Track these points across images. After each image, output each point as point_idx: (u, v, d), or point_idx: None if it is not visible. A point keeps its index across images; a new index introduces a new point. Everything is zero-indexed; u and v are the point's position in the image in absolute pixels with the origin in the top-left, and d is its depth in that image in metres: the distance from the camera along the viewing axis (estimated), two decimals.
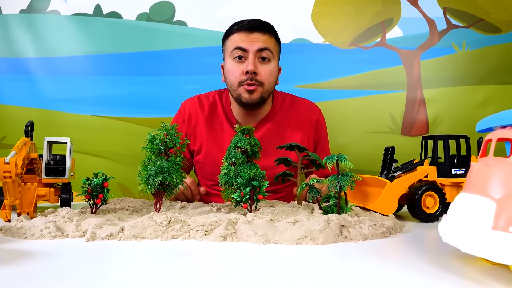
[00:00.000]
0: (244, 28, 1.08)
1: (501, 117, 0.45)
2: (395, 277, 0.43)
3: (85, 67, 1.66)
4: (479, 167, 0.45)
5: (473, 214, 0.42)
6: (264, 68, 1.08)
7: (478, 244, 0.39)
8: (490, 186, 0.42)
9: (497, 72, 1.61)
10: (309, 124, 1.19)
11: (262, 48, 1.07)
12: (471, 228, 0.41)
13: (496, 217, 0.38)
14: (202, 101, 1.20)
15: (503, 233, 0.37)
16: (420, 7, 1.63)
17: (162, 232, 0.61)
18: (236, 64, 1.08)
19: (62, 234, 0.61)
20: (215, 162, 1.13)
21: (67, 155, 0.83)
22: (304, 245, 0.58)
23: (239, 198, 0.71)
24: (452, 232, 0.44)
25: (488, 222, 0.39)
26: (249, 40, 1.07)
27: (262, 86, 1.08)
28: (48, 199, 0.81)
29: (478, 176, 0.45)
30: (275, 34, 1.13)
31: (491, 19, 1.61)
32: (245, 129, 0.81)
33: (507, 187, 0.40)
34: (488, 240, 0.38)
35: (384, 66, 1.64)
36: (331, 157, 0.69)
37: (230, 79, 1.10)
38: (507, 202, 0.39)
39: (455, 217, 0.45)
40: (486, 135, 0.48)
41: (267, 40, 1.08)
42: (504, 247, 0.37)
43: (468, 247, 0.40)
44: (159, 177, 0.70)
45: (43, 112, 1.64)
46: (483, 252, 0.39)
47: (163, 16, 1.67)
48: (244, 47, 1.06)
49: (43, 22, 1.66)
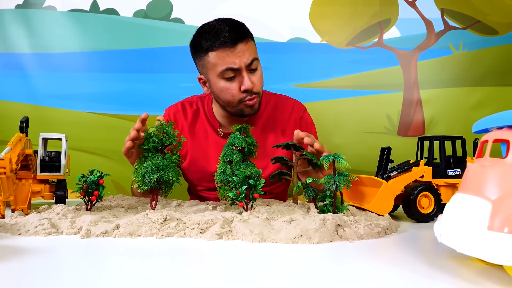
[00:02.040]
0: (228, 43, 0.98)
1: (498, 118, 0.45)
2: (389, 276, 0.43)
3: (81, 64, 1.65)
4: (475, 168, 0.45)
5: (469, 215, 0.42)
6: (255, 77, 1.04)
7: (473, 244, 0.39)
8: (486, 187, 0.42)
9: (493, 74, 1.62)
10: (294, 122, 1.17)
11: (250, 61, 1.01)
12: (466, 229, 0.41)
13: (492, 217, 0.39)
14: (186, 109, 1.17)
15: (498, 233, 0.37)
16: (417, 8, 1.64)
17: (158, 230, 0.60)
18: (228, 83, 1.02)
19: (56, 231, 0.60)
20: (200, 169, 1.13)
21: (63, 152, 0.82)
22: (299, 244, 0.58)
23: (235, 197, 0.71)
24: (447, 232, 0.44)
25: (483, 222, 0.39)
26: (236, 56, 0.99)
27: (258, 95, 1.06)
28: (43, 196, 0.81)
29: (474, 177, 0.45)
30: (250, 34, 1.05)
31: (488, 21, 1.62)
32: (241, 128, 0.81)
33: (503, 188, 0.40)
34: (483, 240, 0.38)
35: (381, 67, 1.64)
36: (327, 157, 0.69)
37: (226, 98, 1.05)
38: (503, 202, 0.39)
39: (451, 218, 0.45)
40: (482, 136, 0.48)
41: (250, 47, 1.02)
42: (499, 247, 0.37)
43: (463, 248, 0.41)
44: (155, 175, 0.70)
45: (38, 108, 1.63)
46: (478, 252, 0.39)
47: (160, 13, 1.67)
48: (235, 67, 1.00)
49: (39, 18, 1.65)
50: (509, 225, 0.37)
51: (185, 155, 1.14)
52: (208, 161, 1.11)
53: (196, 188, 1.18)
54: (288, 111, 1.18)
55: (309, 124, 1.20)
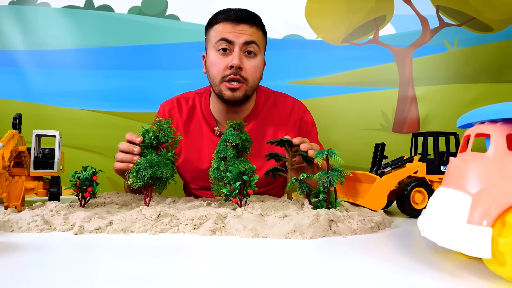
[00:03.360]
0: (231, 18, 1.00)
1: (480, 112, 0.46)
2: (380, 271, 0.44)
3: (76, 61, 1.64)
4: (457, 162, 0.46)
5: (450, 208, 0.42)
6: (249, 63, 1.02)
7: (453, 238, 0.40)
8: (467, 180, 0.42)
9: (488, 71, 1.62)
10: (293, 122, 1.15)
11: (249, 41, 1.00)
12: (447, 222, 0.42)
13: (471, 211, 0.39)
14: (181, 105, 1.15)
15: (477, 226, 0.38)
16: (413, 4, 1.64)
17: (151, 226, 0.60)
18: (220, 56, 1.01)
19: (49, 227, 0.60)
20: (194, 168, 1.11)
21: (56, 149, 0.82)
22: (293, 239, 0.58)
23: (229, 193, 0.71)
24: (429, 226, 0.45)
25: (463, 216, 0.39)
26: (235, 31, 1.00)
27: (246, 82, 1.02)
28: (36, 193, 0.80)
29: (455, 171, 0.46)
30: (262, 26, 1.06)
31: (483, 18, 1.63)
32: (236, 124, 0.81)
33: (483, 181, 0.41)
34: (463, 234, 0.39)
35: (376, 63, 1.65)
36: (321, 152, 0.70)
37: (212, 72, 1.03)
38: (482, 196, 0.39)
39: (433, 211, 0.45)
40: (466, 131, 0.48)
41: (254, 32, 1.02)
42: (477, 240, 0.37)
43: (444, 241, 0.41)
44: (149, 171, 0.70)
45: (32, 106, 1.62)
46: (457, 245, 0.39)
47: (155, 10, 1.66)
48: (229, 39, 0.99)
49: (33, 15, 1.64)
50: (488, 219, 0.37)
51: (179, 153, 1.13)
52: (202, 160, 1.10)
53: (190, 186, 1.18)
54: (287, 111, 1.16)
55: (309, 125, 1.18)
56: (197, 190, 1.16)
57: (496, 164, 0.41)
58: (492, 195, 0.39)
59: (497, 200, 0.38)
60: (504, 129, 0.42)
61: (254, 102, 1.15)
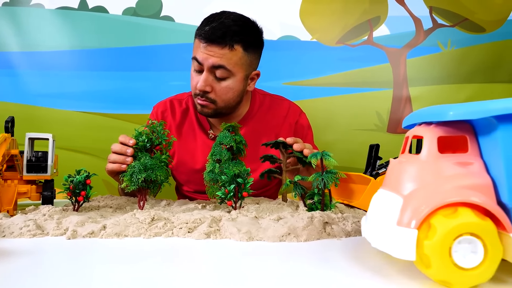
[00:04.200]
0: (204, 36, 0.95)
1: (419, 114, 0.46)
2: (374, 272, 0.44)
3: (70, 62, 1.63)
4: (394, 163, 0.46)
5: (384, 210, 0.42)
6: (219, 85, 0.99)
7: (384, 239, 0.40)
8: (400, 182, 0.43)
9: (481, 71, 1.64)
10: (288, 126, 1.14)
11: (216, 65, 0.96)
12: (380, 224, 0.42)
13: (401, 213, 0.39)
14: (174, 107, 1.15)
15: (405, 228, 0.38)
16: (406, 5, 1.65)
17: (145, 230, 0.60)
18: (194, 72, 1.01)
19: (42, 232, 0.60)
20: (188, 171, 1.11)
21: (49, 152, 0.81)
22: (287, 242, 0.58)
23: (224, 195, 0.71)
24: (366, 226, 0.45)
25: (394, 217, 0.40)
26: (205, 52, 0.96)
27: (215, 103, 1.01)
28: (29, 197, 0.80)
29: (392, 173, 0.46)
30: (245, 42, 0.98)
31: (475, 19, 1.64)
32: (230, 126, 0.81)
33: (414, 183, 0.41)
34: (392, 235, 0.39)
35: (371, 64, 1.65)
36: (315, 154, 0.70)
37: (191, 84, 1.04)
38: (413, 198, 0.40)
39: (370, 212, 0.46)
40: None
41: (226, 55, 0.96)
42: (404, 243, 0.38)
43: (377, 243, 0.41)
44: (143, 174, 0.70)
45: (26, 108, 1.61)
46: (388, 247, 0.39)
47: (150, 11, 1.66)
48: (199, 60, 0.97)
49: (27, 16, 1.63)
50: (416, 221, 0.38)
51: (172, 156, 1.12)
52: (195, 163, 1.09)
53: (183, 189, 1.17)
54: (283, 115, 1.15)
55: (305, 128, 1.17)
56: (190, 192, 1.15)
57: (427, 166, 0.41)
58: (421, 197, 0.39)
59: (426, 202, 0.38)
60: (436, 131, 0.42)
61: (248, 105, 1.14)
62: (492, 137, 0.40)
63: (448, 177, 0.40)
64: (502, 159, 0.39)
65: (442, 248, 0.36)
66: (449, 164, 0.41)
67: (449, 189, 0.39)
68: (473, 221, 0.36)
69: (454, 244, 0.36)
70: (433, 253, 0.36)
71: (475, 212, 0.38)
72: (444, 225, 0.36)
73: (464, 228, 0.36)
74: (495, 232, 0.37)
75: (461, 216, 0.37)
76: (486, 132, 0.41)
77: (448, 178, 0.40)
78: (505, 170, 0.38)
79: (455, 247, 0.36)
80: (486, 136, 0.41)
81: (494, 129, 0.39)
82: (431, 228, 0.37)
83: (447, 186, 0.39)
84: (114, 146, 0.81)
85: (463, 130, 0.42)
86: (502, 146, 0.39)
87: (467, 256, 0.37)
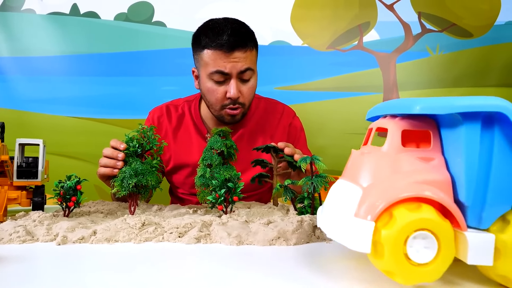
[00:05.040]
0: (224, 47, 0.96)
1: (385, 106, 0.47)
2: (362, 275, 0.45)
3: (61, 67, 1.62)
4: (356, 154, 0.46)
5: (342, 201, 0.42)
6: (245, 88, 1.02)
7: (341, 230, 0.40)
8: (361, 174, 0.43)
9: (469, 75, 1.66)
10: (282, 128, 1.16)
11: (244, 70, 0.99)
12: (337, 214, 0.42)
13: (360, 204, 0.39)
14: (170, 112, 1.15)
15: (363, 221, 0.38)
16: (395, 11, 1.67)
17: (135, 235, 0.60)
18: (215, 86, 1.01)
19: (32, 238, 0.60)
20: (184, 175, 1.12)
21: (40, 157, 0.81)
22: (277, 246, 0.58)
23: (215, 200, 0.71)
24: (322, 217, 0.45)
25: (352, 209, 0.40)
26: (229, 61, 0.97)
27: (243, 105, 1.04)
28: (20, 203, 0.79)
29: (353, 164, 0.46)
30: (254, 40, 1.03)
31: (463, 24, 1.67)
32: (221, 131, 0.82)
33: (375, 176, 0.41)
34: (349, 227, 0.39)
35: (361, 69, 1.67)
36: (305, 159, 0.70)
37: (210, 99, 1.03)
38: (371, 190, 0.40)
39: (329, 203, 0.46)
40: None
41: (248, 56, 0.99)
42: (362, 235, 0.38)
43: (333, 234, 0.41)
44: (133, 179, 0.70)
45: (16, 113, 1.60)
46: (344, 239, 0.39)
47: (141, 16, 1.66)
48: (225, 72, 0.97)
49: (18, 21, 1.62)
50: (372, 213, 0.38)
51: (168, 160, 1.13)
52: (191, 167, 1.10)
53: (178, 191, 1.18)
54: (277, 117, 1.17)
55: (298, 130, 1.19)
56: (186, 195, 1.16)
57: (389, 159, 0.41)
58: (381, 189, 0.39)
59: (385, 195, 0.38)
60: (401, 124, 0.42)
61: None
62: (455, 134, 0.40)
63: (409, 171, 0.40)
64: (464, 157, 0.39)
65: (398, 239, 0.37)
66: (410, 158, 0.41)
67: (408, 183, 0.39)
68: (432, 218, 0.37)
69: (410, 238, 0.37)
70: (388, 243, 0.37)
71: (437, 212, 0.38)
72: (404, 217, 0.37)
73: (423, 223, 0.37)
74: (451, 234, 0.37)
75: (423, 212, 0.37)
76: (450, 129, 0.41)
77: (407, 172, 0.40)
78: (465, 168, 0.39)
79: (410, 242, 0.37)
80: (450, 133, 0.41)
81: (458, 126, 0.40)
82: (392, 218, 0.37)
83: (406, 180, 0.39)
84: (106, 150, 0.81)
85: (427, 125, 0.43)
86: (464, 143, 0.39)
87: (420, 251, 0.37)
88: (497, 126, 0.39)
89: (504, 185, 0.39)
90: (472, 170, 0.39)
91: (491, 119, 0.39)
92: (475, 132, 0.39)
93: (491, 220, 0.39)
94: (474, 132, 0.39)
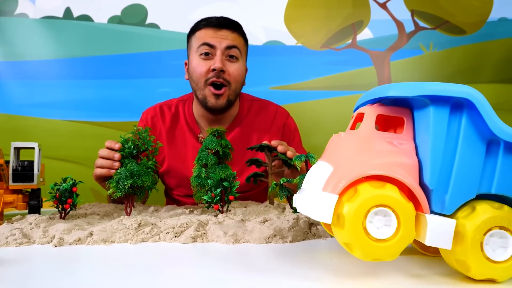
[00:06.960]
0: (213, 24, 1.05)
1: (367, 94, 0.48)
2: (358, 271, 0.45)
3: (55, 71, 1.62)
4: (334, 137, 0.49)
5: (316, 178, 0.44)
6: (232, 66, 1.05)
7: (309, 204, 0.42)
8: (335, 153, 0.45)
9: (462, 72, 1.67)
10: (276, 129, 1.17)
11: (230, 45, 1.04)
12: (309, 191, 0.44)
13: (328, 180, 0.41)
14: (164, 112, 1.16)
15: (328, 193, 0.40)
16: (388, 9, 1.68)
17: (132, 236, 0.60)
18: (202, 61, 1.04)
19: (28, 240, 0.60)
20: (179, 175, 1.12)
21: (36, 161, 0.81)
22: (273, 243, 0.59)
23: (210, 199, 0.71)
24: (297, 196, 0.47)
25: (321, 184, 0.41)
26: (217, 36, 1.04)
27: (229, 86, 1.05)
28: (16, 206, 0.79)
29: (330, 145, 0.48)
30: (243, 34, 1.11)
31: (456, 21, 1.68)
32: (216, 131, 0.82)
33: (346, 155, 0.43)
34: (316, 200, 0.41)
35: (355, 67, 1.68)
36: (299, 157, 0.71)
37: (195, 76, 1.05)
38: (341, 167, 0.41)
39: (305, 182, 0.48)
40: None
41: (236, 38, 1.06)
42: (325, 206, 0.39)
43: (302, 208, 0.43)
44: (129, 181, 0.70)
45: (11, 118, 1.59)
46: (310, 211, 0.41)
47: (135, 19, 1.66)
48: (212, 43, 1.03)
49: (11, 25, 1.62)
50: (337, 187, 0.39)
51: (162, 161, 1.13)
52: (186, 167, 1.10)
53: (173, 192, 1.18)
54: (271, 118, 1.18)
55: (292, 130, 1.20)
56: (181, 196, 1.16)
57: (362, 140, 0.43)
58: (349, 166, 0.41)
59: (352, 171, 0.40)
60: (376, 110, 0.44)
61: (237, 109, 1.16)
62: (424, 119, 0.42)
63: (378, 152, 0.42)
64: (430, 140, 0.40)
65: (358, 211, 0.38)
66: (382, 141, 0.43)
67: (375, 163, 0.41)
68: (394, 196, 0.38)
69: (370, 213, 0.38)
70: (348, 214, 0.38)
71: (401, 192, 0.39)
72: (367, 192, 0.38)
73: (383, 199, 0.38)
74: (412, 214, 0.39)
75: (386, 189, 0.39)
76: (421, 115, 0.43)
77: (377, 152, 0.42)
78: (430, 151, 0.40)
79: (370, 217, 0.38)
80: (420, 119, 0.43)
81: (427, 111, 0.41)
82: (356, 193, 0.39)
83: (375, 160, 0.41)
84: (101, 151, 0.81)
85: (401, 112, 0.44)
86: (432, 126, 0.40)
87: (379, 228, 0.39)
88: (465, 114, 0.40)
89: (468, 171, 0.40)
90: (438, 153, 0.40)
91: (460, 106, 0.40)
92: (443, 116, 0.40)
93: (454, 206, 0.40)
94: (442, 117, 0.40)
